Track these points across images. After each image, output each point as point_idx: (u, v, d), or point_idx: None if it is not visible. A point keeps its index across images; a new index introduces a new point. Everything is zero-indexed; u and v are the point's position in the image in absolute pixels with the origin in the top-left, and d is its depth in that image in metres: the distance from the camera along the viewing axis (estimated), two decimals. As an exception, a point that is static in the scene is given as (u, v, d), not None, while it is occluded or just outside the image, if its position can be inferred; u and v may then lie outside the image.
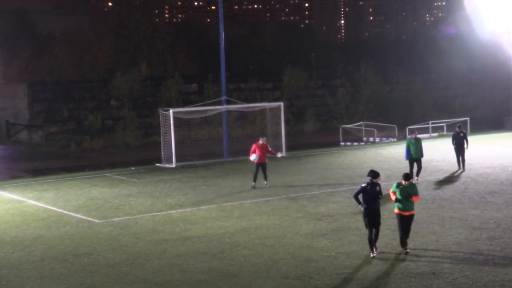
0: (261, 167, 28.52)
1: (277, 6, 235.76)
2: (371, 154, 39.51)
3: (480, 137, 45.77)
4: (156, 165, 37.11)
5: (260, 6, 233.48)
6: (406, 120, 54.78)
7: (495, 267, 16.26)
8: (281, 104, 41.81)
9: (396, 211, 17.57)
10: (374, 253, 17.33)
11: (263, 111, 45.99)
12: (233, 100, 43.52)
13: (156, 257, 18.14)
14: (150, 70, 61.82)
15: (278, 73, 62.87)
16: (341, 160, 37.22)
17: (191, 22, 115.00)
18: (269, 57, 75.80)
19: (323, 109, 62.36)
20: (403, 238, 17.48)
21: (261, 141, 28.56)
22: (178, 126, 39.22)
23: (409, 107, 62.45)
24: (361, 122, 49.55)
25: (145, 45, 63.99)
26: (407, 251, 17.37)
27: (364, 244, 18.04)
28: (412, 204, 17.45)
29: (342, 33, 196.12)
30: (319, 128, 58.28)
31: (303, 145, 44.59)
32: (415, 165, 28.78)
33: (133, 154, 43.23)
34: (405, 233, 17.43)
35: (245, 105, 43.19)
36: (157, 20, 78.68)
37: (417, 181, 27.08)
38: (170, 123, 37.27)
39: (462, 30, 65.57)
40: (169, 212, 24.26)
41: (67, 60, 62.50)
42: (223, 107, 41.05)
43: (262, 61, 75.34)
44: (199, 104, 42.04)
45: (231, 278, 16.10)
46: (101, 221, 22.99)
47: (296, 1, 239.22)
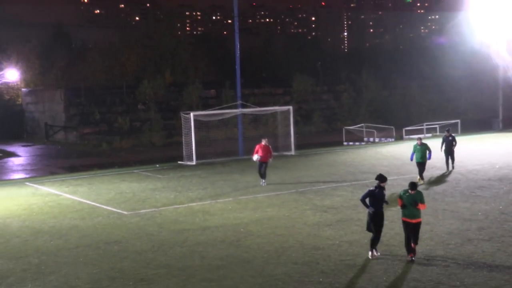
0: (263, 165, 28.17)
1: (287, 19, 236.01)
2: (371, 153, 39.38)
3: (470, 137, 45.60)
4: (179, 162, 37.15)
5: (271, 20, 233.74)
6: (403, 122, 54.57)
7: (483, 254, 16.18)
8: (290, 107, 41.76)
9: (402, 218, 16.09)
10: (375, 254, 16.24)
11: (274, 114, 45.99)
12: (248, 104, 43.55)
13: (179, 245, 18.16)
14: (173, 77, 61.97)
15: (288, 79, 62.90)
16: (344, 158, 37.13)
17: (210, 34, 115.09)
18: (280, 65, 75.92)
19: (329, 112, 62.26)
20: (409, 245, 15.89)
21: (263, 142, 28.07)
22: (198, 128, 39.24)
23: (406, 110, 62.18)
24: (362, 124, 49.41)
25: (169, 55, 64.22)
26: (412, 259, 15.73)
27: (364, 233, 17.95)
28: (419, 211, 15.91)
29: (345, 43, 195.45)
30: (325, 129, 58.18)
31: (310, 144, 44.49)
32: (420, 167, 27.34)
33: (158, 153, 43.29)
34: (414, 241, 15.82)
35: (258, 108, 43.15)
36: (179, 33, 78.90)
37: (420, 182, 26.28)
38: (191, 125, 37.29)
39: (453, 40, 65.25)
40: (190, 204, 24.28)
41: (99, 68, 62.89)
42: (238, 110, 41.07)
43: (273, 69, 75.46)
44: (217, 107, 42.07)
45: (246, 264, 16.10)
46: (129, 213, 23.04)
47: (304, 15, 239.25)
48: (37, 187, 30.00)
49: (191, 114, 37.81)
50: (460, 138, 31.52)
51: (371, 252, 16.28)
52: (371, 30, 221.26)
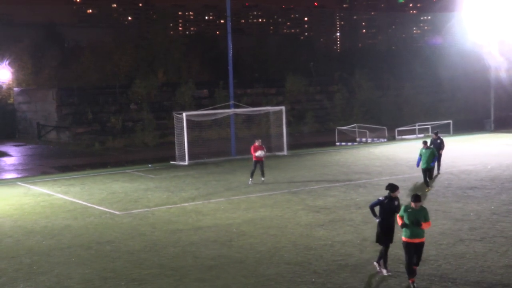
0: (259, 164, 28.38)
1: (279, 20, 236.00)
2: (364, 153, 39.45)
3: (463, 137, 45.70)
4: (171, 162, 37.11)
5: (264, 20, 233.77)
6: (396, 122, 54.72)
7: (475, 254, 16.22)
8: (283, 108, 41.77)
9: (403, 238, 13.79)
10: (384, 270, 14.72)
11: (267, 114, 45.97)
12: (241, 104, 43.54)
13: (171, 245, 18.14)
14: (166, 77, 61.91)
15: (280, 79, 62.91)
16: (337, 158, 37.17)
17: (202, 34, 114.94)
18: (272, 65, 75.90)
19: (322, 112, 62.32)
20: (411, 268, 13.71)
21: (257, 142, 28.31)
22: (191, 128, 39.21)
23: (399, 111, 62.33)
24: (355, 124, 49.48)
25: (162, 55, 64.16)
26: (413, 285, 13.74)
27: (357, 233, 18.01)
28: (422, 230, 13.69)
29: (338, 44, 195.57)
30: (318, 130, 58.24)
31: (303, 145, 44.54)
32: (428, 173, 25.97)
33: (150, 153, 43.23)
34: (416, 262, 13.74)
35: (251, 108, 43.15)
36: (172, 33, 78.82)
37: (428, 189, 25.32)
38: (183, 125, 37.25)
39: (446, 41, 65.49)
40: (182, 204, 24.26)
41: (92, 68, 62.80)
42: (231, 111, 41.06)
43: (266, 69, 75.48)
44: (210, 107, 42.04)
45: (238, 264, 16.10)
46: (122, 213, 23.00)
47: (297, 15, 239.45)
48: (29, 187, 29.91)
49: (184, 114, 37.78)
50: (452, 138, 31.58)
51: (378, 265, 14.91)
52: (364, 30, 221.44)
